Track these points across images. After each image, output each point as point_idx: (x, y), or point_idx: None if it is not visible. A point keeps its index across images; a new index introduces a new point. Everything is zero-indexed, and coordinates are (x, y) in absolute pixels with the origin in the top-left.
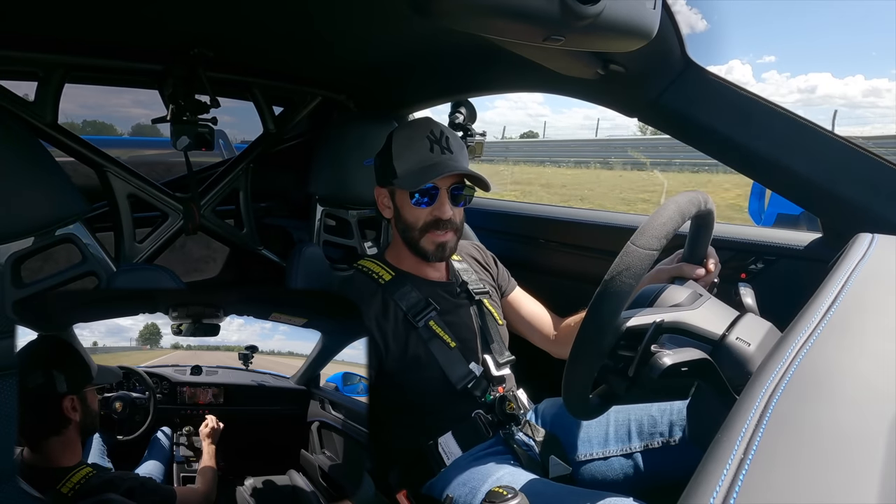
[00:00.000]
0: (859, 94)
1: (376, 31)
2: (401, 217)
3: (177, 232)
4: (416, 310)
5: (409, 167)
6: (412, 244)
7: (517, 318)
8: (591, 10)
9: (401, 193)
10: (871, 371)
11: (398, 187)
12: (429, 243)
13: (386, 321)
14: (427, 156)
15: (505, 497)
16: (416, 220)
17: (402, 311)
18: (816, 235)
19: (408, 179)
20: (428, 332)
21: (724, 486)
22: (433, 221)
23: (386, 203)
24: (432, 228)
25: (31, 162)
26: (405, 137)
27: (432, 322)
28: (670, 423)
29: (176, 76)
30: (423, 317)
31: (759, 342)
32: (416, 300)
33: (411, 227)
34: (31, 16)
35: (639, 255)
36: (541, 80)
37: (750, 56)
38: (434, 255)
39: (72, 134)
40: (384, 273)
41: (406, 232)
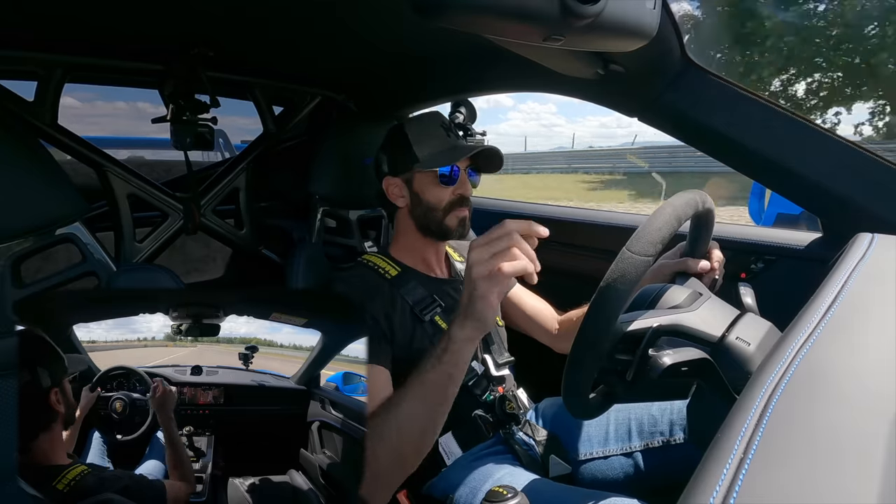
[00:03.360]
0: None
1: (376, 32)
2: (421, 201)
3: (177, 232)
4: (423, 305)
5: (431, 150)
6: (434, 225)
7: (518, 314)
8: (591, 9)
9: (421, 178)
10: (871, 371)
11: (422, 170)
12: (453, 220)
13: (394, 312)
14: (446, 140)
15: (505, 497)
16: (440, 200)
17: (409, 305)
18: (816, 235)
19: (436, 159)
20: (433, 327)
21: (724, 486)
22: (457, 199)
23: (399, 192)
24: (456, 206)
25: (31, 161)
26: (421, 126)
27: (437, 318)
28: (671, 423)
29: (176, 76)
30: (429, 312)
31: (759, 342)
32: (422, 295)
33: (434, 207)
34: (31, 16)
35: (634, 262)
36: (541, 80)
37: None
38: (456, 231)
39: (72, 133)
40: (390, 268)
41: (427, 214)
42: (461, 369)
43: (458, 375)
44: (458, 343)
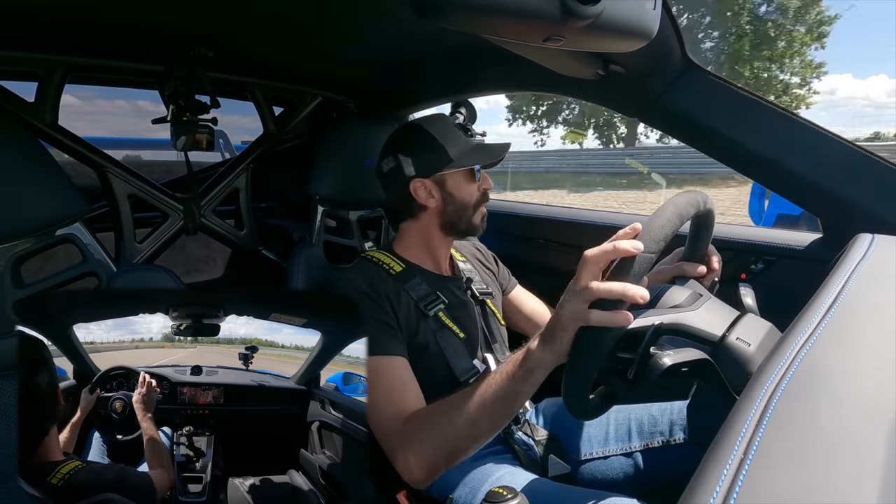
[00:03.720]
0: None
1: (376, 32)
2: (454, 200)
3: (177, 232)
4: (427, 300)
5: (461, 149)
6: (463, 223)
7: (519, 315)
8: (592, 10)
9: (455, 177)
10: (871, 371)
11: (454, 168)
12: (479, 217)
13: (399, 304)
14: (467, 139)
15: (505, 497)
16: (471, 197)
17: (413, 300)
18: (816, 235)
19: (471, 157)
20: (437, 322)
21: (724, 486)
22: (483, 195)
23: (430, 193)
24: (482, 202)
25: (32, 162)
26: (443, 127)
27: (441, 313)
28: (671, 423)
29: (176, 76)
30: (434, 307)
31: (760, 342)
32: (426, 291)
33: (466, 205)
34: (32, 16)
35: (638, 259)
36: (541, 80)
37: None
38: (480, 227)
39: (72, 134)
40: (394, 264)
41: (461, 213)
42: (531, 387)
43: (527, 391)
44: (534, 362)
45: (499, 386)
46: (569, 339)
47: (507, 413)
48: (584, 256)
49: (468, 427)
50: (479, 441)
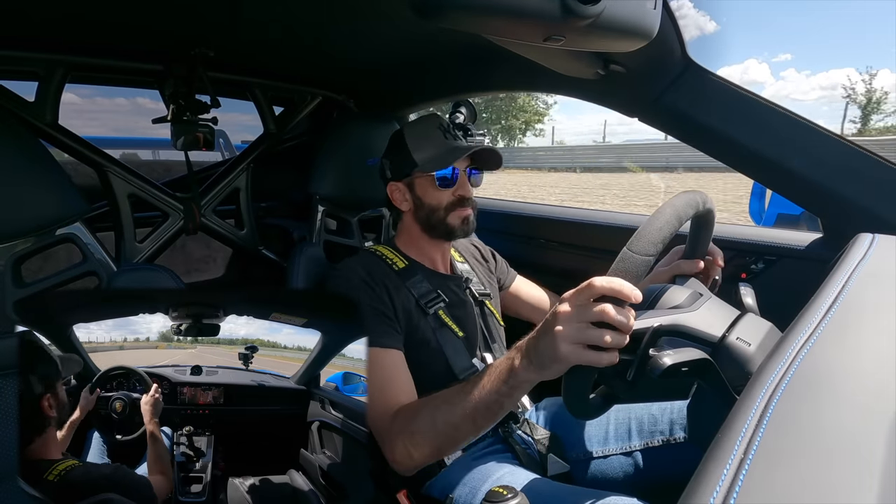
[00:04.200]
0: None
1: (376, 32)
2: (423, 204)
3: (177, 232)
4: (428, 298)
5: (429, 154)
6: (438, 224)
7: (522, 304)
8: (592, 10)
9: (422, 181)
10: (871, 371)
11: (421, 173)
12: (455, 219)
13: (398, 296)
14: (444, 142)
15: (505, 497)
16: (440, 202)
17: (414, 297)
18: (816, 235)
19: (432, 163)
20: (437, 320)
21: (724, 486)
22: (457, 200)
23: (403, 196)
24: (457, 207)
25: (32, 162)
26: (419, 130)
27: (441, 312)
28: (671, 422)
29: (176, 76)
30: (434, 305)
31: (760, 342)
32: (427, 289)
33: (435, 209)
34: (32, 16)
35: (635, 262)
36: (541, 80)
37: (765, 55)
38: (460, 229)
39: (72, 134)
40: (398, 260)
41: (431, 216)
42: (515, 400)
43: (511, 404)
44: (520, 380)
45: (481, 398)
46: (562, 370)
47: (492, 419)
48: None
49: (452, 430)
50: (464, 441)
